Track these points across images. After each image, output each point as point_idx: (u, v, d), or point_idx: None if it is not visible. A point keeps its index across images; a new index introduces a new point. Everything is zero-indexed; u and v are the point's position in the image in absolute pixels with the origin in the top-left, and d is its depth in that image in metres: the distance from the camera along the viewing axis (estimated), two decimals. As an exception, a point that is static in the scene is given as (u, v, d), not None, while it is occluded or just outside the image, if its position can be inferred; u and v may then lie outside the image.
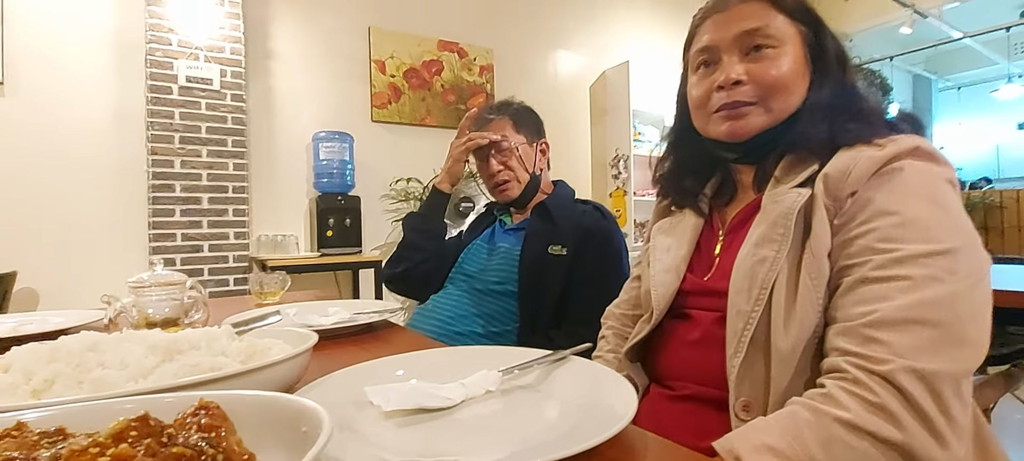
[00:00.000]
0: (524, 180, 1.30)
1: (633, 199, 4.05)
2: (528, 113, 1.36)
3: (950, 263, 0.52)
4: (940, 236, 0.53)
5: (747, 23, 0.67)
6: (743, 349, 0.60)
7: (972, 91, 8.87)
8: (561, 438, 0.41)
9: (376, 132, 3.33)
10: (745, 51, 0.68)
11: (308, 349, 0.56)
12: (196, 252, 2.67)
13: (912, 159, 0.57)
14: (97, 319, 0.94)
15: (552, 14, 4.08)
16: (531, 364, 0.58)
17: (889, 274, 0.52)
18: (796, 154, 0.65)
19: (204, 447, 0.30)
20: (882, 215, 0.55)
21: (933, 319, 0.49)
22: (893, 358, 0.48)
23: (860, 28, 5.77)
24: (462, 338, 1.19)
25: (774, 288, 0.59)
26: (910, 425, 0.47)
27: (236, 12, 2.77)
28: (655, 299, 0.72)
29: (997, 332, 1.72)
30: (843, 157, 0.59)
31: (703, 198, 0.78)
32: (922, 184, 0.56)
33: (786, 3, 0.68)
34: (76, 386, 0.44)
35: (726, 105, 0.67)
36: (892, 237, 0.54)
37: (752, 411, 0.60)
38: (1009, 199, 4.91)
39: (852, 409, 0.47)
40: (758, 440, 0.48)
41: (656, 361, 0.74)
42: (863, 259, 0.54)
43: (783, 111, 0.66)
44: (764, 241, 0.62)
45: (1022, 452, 1.98)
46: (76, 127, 2.55)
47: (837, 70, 0.68)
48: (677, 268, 0.73)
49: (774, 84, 0.66)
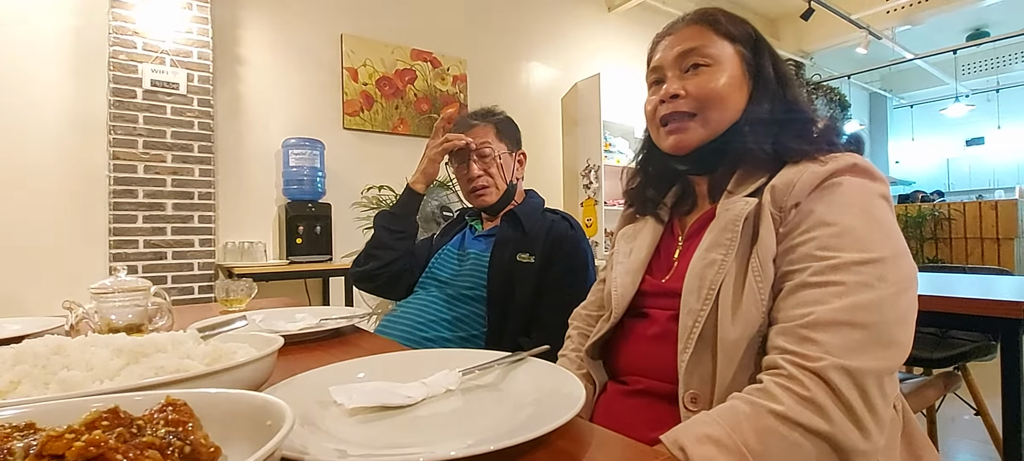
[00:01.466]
0: (502, 188, 1.32)
1: (604, 208, 4.13)
2: (510, 123, 1.39)
3: (880, 271, 0.57)
4: (872, 246, 0.58)
5: (686, 44, 0.74)
6: (692, 344, 0.65)
7: (924, 109, 9.33)
8: (514, 429, 0.44)
9: (348, 140, 3.32)
10: (685, 69, 0.75)
11: (273, 352, 0.57)
12: (159, 259, 2.61)
13: (850, 175, 0.63)
14: (58, 325, 0.92)
15: (525, 26, 4.15)
16: (491, 365, 0.61)
17: (825, 279, 0.57)
18: (746, 167, 0.71)
19: (172, 439, 0.31)
20: (821, 225, 0.60)
21: (862, 322, 0.54)
22: (825, 356, 0.53)
23: (820, 47, 6.03)
24: (430, 343, 1.20)
25: (721, 288, 0.64)
26: (836, 416, 0.52)
27: (204, 16, 2.74)
28: (615, 299, 0.77)
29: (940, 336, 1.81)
30: (789, 171, 0.65)
31: (663, 207, 0.83)
32: (859, 198, 0.62)
33: (723, 26, 0.75)
34: (43, 387, 0.45)
35: (666, 116, 0.75)
36: (829, 246, 0.59)
37: (699, 403, 0.64)
38: (957, 212, 5.17)
39: (785, 402, 0.52)
40: (700, 431, 0.52)
41: (615, 357, 0.78)
42: (803, 265, 0.59)
43: (719, 123, 0.72)
44: (714, 246, 0.67)
45: (965, 448, 2.10)
46: (33, 130, 2.47)
47: (776, 87, 0.74)
48: (637, 271, 0.78)
49: (707, 97, 0.72)
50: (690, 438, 0.51)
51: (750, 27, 0.77)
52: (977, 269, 2.03)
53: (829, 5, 4.77)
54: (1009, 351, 1.19)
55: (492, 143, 1.31)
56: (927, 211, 5.27)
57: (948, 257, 5.12)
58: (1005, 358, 1.20)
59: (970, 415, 1.82)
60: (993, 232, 4.90)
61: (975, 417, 1.77)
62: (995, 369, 1.25)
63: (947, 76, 7.65)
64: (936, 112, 8.61)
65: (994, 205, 4.95)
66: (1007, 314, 1.15)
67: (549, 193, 4.17)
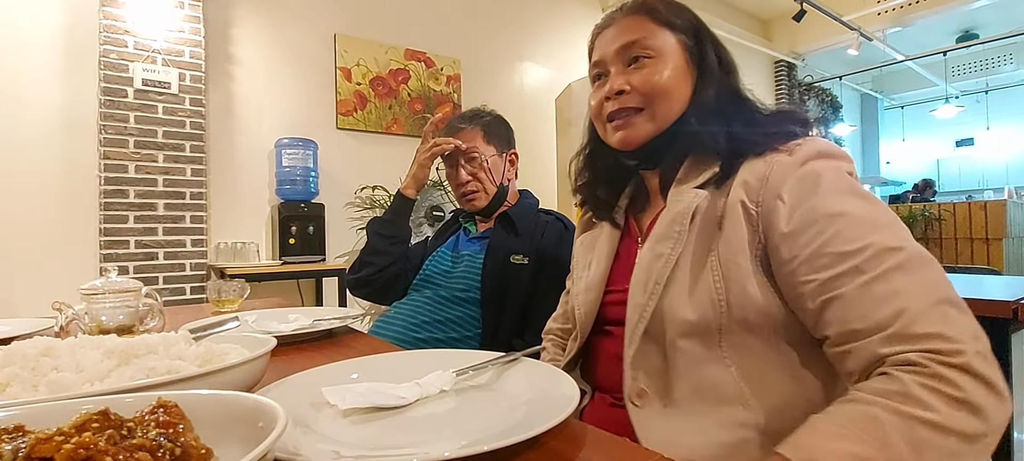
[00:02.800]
0: (491, 191, 1.31)
1: (597, 209, 4.14)
2: (499, 123, 1.37)
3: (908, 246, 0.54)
4: (883, 226, 0.55)
5: (627, 36, 0.72)
6: (636, 340, 0.64)
7: (914, 110, 9.43)
8: (508, 430, 0.44)
9: (341, 139, 3.31)
10: (627, 62, 0.72)
11: (266, 353, 0.57)
12: (150, 259, 2.59)
13: (821, 160, 0.60)
14: (47, 327, 0.92)
15: (520, 26, 4.15)
16: (485, 365, 0.61)
17: (882, 269, 0.52)
18: (694, 157, 0.69)
19: (162, 441, 0.31)
20: (828, 217, 0.56)
21: (948, 297, 0.51)
22: (964, 347, 0.48)
23: (812, 48, 6.07)
24: (424, 344, 1.20)
25: (669, 282, 0.63)
26: (991, 409, 0.47)
27: (197, 15, 2.72)
28: (578, 319, 0.76)
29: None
30: (757, 164, 0.62)
31: (618, 209, 0.81)
32: (842, 182, 0.59)
33: (663, 16, 0.72)
34: (32, 389, 0.44)
35: (613, 113, 0.72)
36: (853, 236, 0.54)
37: (645, 399, 0.64)
38: (946, 212, 5.23)
39: (940, 410, 0.46)
40: (841, 447, 0.45)
41: (593, 374, 0.77)
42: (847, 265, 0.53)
43: (667, 116, 0.70)
44: (662, 238, 0.65)
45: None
46: (22, 129, 2.44)
47: (721, 75, 0.71)
48: (597, 286, 0.75)
49: (653, 91, 0.69)
50: (829, 455, 0.44)
51: (691, 14, 0.74)
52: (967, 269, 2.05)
53: (820, 7, 4.81)
54: (998, 350, 1.20)
55: (479, 146, 1.31)
56: (918, 211, 5.32)
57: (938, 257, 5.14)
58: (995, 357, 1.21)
59: (960, 413, 1.84)
60: (982, 232, 4.96)
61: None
62: (984, 368, 1.27)
63: (937, 77, 7.73)
64: (926, 113, 8.69)
65: (983, 205, 5.01)
66: (997, 314, 1.16)
67: (543, 194, 4.17)
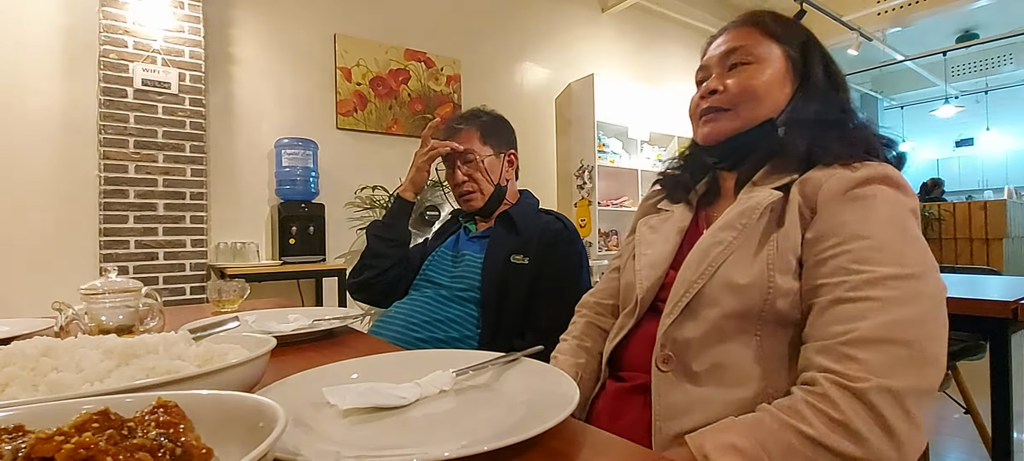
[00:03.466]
0: (488, 191, 1.31)
1: (597, 209, 4.14)
2: (497, 123, 1.37)
3: (917, 286, 0.56)
4: (908, 261, 0.57)
5: (732, 43, 0.77)
6: (676, 313, 0.66)
7: (914, 110, 9.43)
8: (508, 430, 0.44)
9: (341, 139, 3.31)
10: (727, 67, 0.76)
11: (266, 353, 0.57)
12: (150, 260, 2.59)
13: (882, 185, 0.62)
14: (47, 327, 0.92)
15: (519, 27, 4.15)
16: (484, 365, 0.61)
17: (863, 294, 0.56)
18: (775, 164, 0.71)
19: (163, 441, 0.31)
20: (855, 238, 0.59)
21: (904, 338, 0.53)
22: (869, 377, 0.52)
23: (811, 48, 6.07)
24: (424, 344, 1.20)
25: (724, 266, 0.65)
26: (873, 439, 0.50)
27: (196, 15, 2.72)
28: (639, 292, 0.75)
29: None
30: (818, 172, 0.65)
31: (694, 194, 0.83)
32: (892, 212, 0.60)
33: (769, 27, 0.76)
34: (32, 389, 0.44)
35: (704, 110, 0.77)
36: (865, 259, 0.57)
37: (670, 364, 0.66)
38: (946, 212, 5.23)
39: (815, 426, 0.52)
40: (726, 440, 0.53)
41: (624, 352, 0.77)
42: (838, 279, 0.58)
43: (752, 117, 0.73)
44: (726, 226, 0.67)
45: (954, 447, 2.12)
46: (22, 129, 2.44)
47: (826, 88, 0.74)
48: (662, 263, 0.76)
49: (742, 92, 0.73)
50: (715, 446, 0.53)
51: (802, 31, 0.78)
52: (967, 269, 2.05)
53: (820, 7, 4.81)
54: (998, 350, 1.21)
55: (475, 147, 1.31)
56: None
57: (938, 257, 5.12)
58: (994, 357, 1.21)
59: (960, 414, 1.84)
60: (982, 232, 4.96)
61: (965, 416, 1.79)
62: (984, 368, 1.27)
63: (937, 78, 7.74)
64: (926, 114, 8.70)
65: (983, 206, 5.01)
66: (996, 314, 1.16)
67: (543, 194, 4.18)
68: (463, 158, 1.31)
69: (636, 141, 4.49)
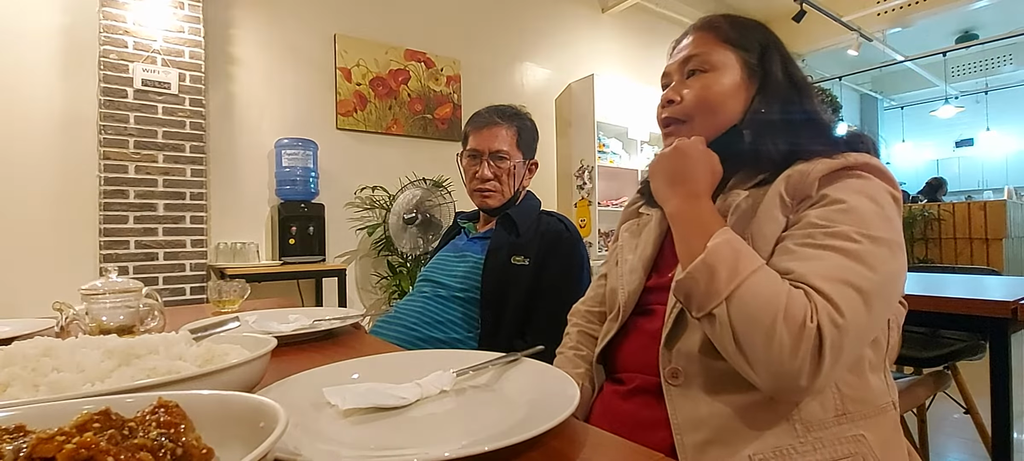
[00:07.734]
0: (508, 195, 1.32)
1: (597, 209, 4.14)
2: (532, 132, 1.37)
3: (880, 252, 0.58)
4: (875, 229, 0.59)
5: (689, 51, 0.77)
6: (671, 322, 0.67)
7: (914, 110, 9.43)
8: (509, 430, 0.44)
9: (341, 140, 3.31)
10: (685, 75, 0.77)
11: (267, 353, 0.57)
12: (150, 260, 2.59)
13: (865, 171, 0.64)
14: (48, 327, 0.92)
15: (520, 27, 4.15)
16: (485, 365, 0.61)
17: (824, 243, 0.58)
18: (748, 170, 0.72)
19: (164, 441, 0.31)
20: (829, 203, 0.62)
21: (858, 286, 0.56)
22: (827, 304, 0.54)
23: (812, 49, 6.07)
24: (424, 344, 1.20)
25: None
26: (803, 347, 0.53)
27: (197, 15, 2.72)
28: (621, 296, 0.77)
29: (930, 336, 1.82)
30: (802, 164, 0.66)
31: None
32: (871, 190, 0.63)
33: (725, 32, 0.76)
34: (32, 389, 0.44)
35: (664, 120, 0.78)
36: (834, 219, 0.60)
37: (680, 378, 0.65)
38: (946, 213, 5.22)
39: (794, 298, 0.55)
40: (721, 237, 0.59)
41: (617, 355, 0.78)
42: (804, 231, 0.61)
43: (710, 127, 0.74)
44: None
45: (954, 447, 2.12)
46: (22, 129, 2.44)
47: (788, 91, 0.74)
48: (643, 267, 0.78)
49: (697, 103, 0.74)
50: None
51: (759, 33, 0.77)
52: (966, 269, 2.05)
53: (820, 7, 4.81)
54: (998, 350, 1.20)
55: (511, 150, 1.31)
56: (917, 212, 5.32)
57: (938, 257, 5.17)
58: (994, 357, 1.21)
59: (960, 414, 1.84)
60: (982, 232, 4.95)
61: (965, 416, 1.78)
62: (984, 368, 1.27)
63: (937, 78, 7.73)
64: (926, 114, 8.69)
65: (983, 206, 5.01)
66: (996, 314, 1.16)
67: (543, 194, 4.16)
68: (496, 155, 1.30)
69: (636, 141, 4.49)
